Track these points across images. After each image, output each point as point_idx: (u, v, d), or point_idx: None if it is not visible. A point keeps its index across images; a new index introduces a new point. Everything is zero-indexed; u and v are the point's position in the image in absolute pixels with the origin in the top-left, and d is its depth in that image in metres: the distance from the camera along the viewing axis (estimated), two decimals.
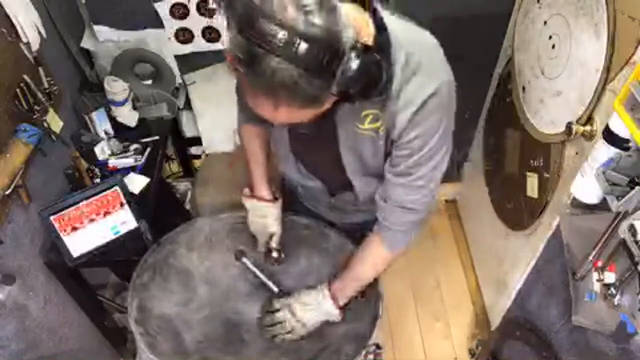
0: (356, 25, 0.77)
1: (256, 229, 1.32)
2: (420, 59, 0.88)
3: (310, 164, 1.19)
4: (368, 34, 0.83)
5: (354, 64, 0.73)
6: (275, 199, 1.31)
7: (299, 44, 0.68)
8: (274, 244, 1.32)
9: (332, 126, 1.00)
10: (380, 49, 0.85)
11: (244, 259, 1.34)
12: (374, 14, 0.86)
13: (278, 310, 1.23)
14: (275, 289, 1.31)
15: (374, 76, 0.78)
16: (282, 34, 0.67)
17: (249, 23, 0.68)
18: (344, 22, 0.73)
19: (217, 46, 1.91)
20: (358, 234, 1.24)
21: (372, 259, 1.16)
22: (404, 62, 0.87)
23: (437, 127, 0.93)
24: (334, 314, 1.19)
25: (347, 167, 1.09)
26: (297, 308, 1.20)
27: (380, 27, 0.86)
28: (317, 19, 0.69)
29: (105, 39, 1.82)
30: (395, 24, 0.88)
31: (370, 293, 1.21)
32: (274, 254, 1.33)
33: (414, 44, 0.89)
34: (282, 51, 0.68)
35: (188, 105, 2.06)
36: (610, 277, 1.03)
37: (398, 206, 1.04)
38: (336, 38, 0.71)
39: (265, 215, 1.29)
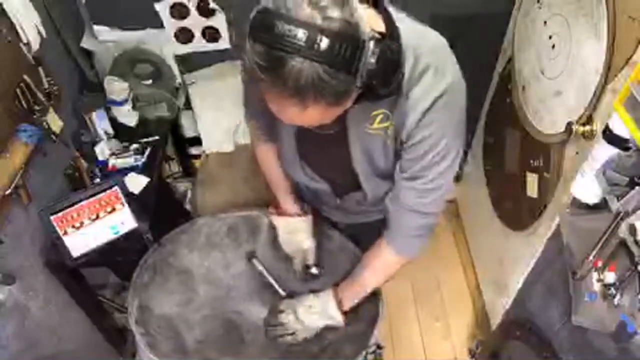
0: (368, 19, 0.77)
1: (290, 248, 1.29)
2: (429, 60, 0.87)
3: (317, 166, 1.18)
4: (379, 31, 0.83)
5: (375, 53, 0.73)
6: (305, 212, 1.29)
7: (320, 40, 0.67)
8: (310, 260, 1.29)
9: (342, 127, 0.99)
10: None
11: (254, 261, 1.34)
12: (385, 13, 0.86)
13: (282, 311, 1.23)
14: (283, 293, 1.30)
15: (394, 62, 0.78)
16: (301, 33, 0.67)
17: (266, 28, 0.68)
18: (359, 14, 0.73)
19: (217, 46, 1.91)
20: (362, 235, 1.24)
21: (381, 265, 1.15)
22: (413, 63, 0.87)
23: (446, 128, 0.93)
24: (338, 319, 1.18)
25: (358, 169, 1.08)
26: (301, 311, 1.20)
27: (391, 27, 0.86)
28: (333, 13, 0.69)
29: (105, 39, 1.82)
30: (404, 23, 0.88)
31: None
32: (314, 271, 1.30)
33: (424, 44, 0.88)
34: (304, 50, 0.67)
35: (188, 105, 2.05)
36: (610, 277, 1.03)
37: (408, 210, 1.04)
38: (355, 29, 0.71)
39: (297, 231, 1.27)
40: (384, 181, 1.10)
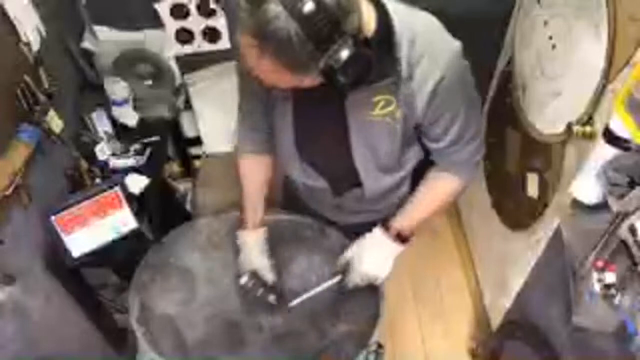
0: (361, 12, 0.78)
1: (241, 266, 1.26)
2: (426, 39, 0.90)
3: (316, 162, 1.18)
4: (370, 22, 0.85)
5: (349, 51, 0.74)
6: (259, 226, 1.26)
7: (306, 2, 0.69)
8: (261, 288, 1.24)
9: (342, 116, 1.00)
10: (382, 36, 0.86)
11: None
12: (381, 7, 0.88)
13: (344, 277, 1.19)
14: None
15: (361, 72, 0.79)
16: None
17: None
18: (354, 5, 0.75)
19: (217, 46, 1.91)
20: (361, 235, 1.24)
21: (442, 190, 1.15)
22: (409, 46, 0.89)
23: (457, 102, 0.96)
24: (400, 249, 1.16)
25: (358, 161, 1.08)
26: (368, 272, 1.16)
27: (383, 13, 0.88)
28: None
29: (105, 39, 1.82)
30: (395, 9, 0.90)
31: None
32: (270, 299, 1.24)
33: (417, 27, 0.90)
34: (289, 2, 0.69)
35: (188, 105, 2.06)
36: (610, 277, 1.03)
37: (454, 163, 1.09)
38: (342, 14, 0.72)
39: (244, 248, 1.25)
40: (384, 175, 1.10)
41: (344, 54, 0.74)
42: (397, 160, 1.10)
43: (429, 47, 0.90)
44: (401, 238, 1.15)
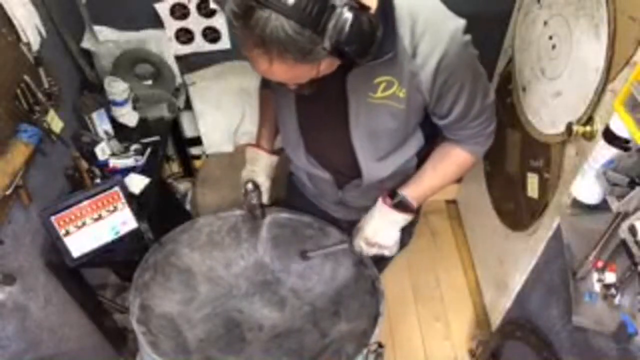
0: None
1: (243, 178, 1.32)
2: (428, 16, 0.91)
3: (319, 152, 1.19)
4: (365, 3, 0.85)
5: (347, 19, 0.75)
6: (273, 152, 1.32)
7: None
8: (256, 198, 1.30)
9: (343, 99, 1.00)
10: (383, 11, 0.87)
11: (310, 254, 1.32)
12: None
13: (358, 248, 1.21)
14: (347, 246, 1.26)
15: (368, 34, 0.79)
16: None
17: None
18: None
19: (217, 46, 1.91)
20: None
21: (451, 162, 1.15)
22: (412, 24, 0.89)
23: (464, 65, 0.96)
24: (408, 219, 1.16)
25: (357, 146, 1.08)
26: (370, 237, 1.17)
27: None
28: None
29: (105, 39, 1.82)
30: None
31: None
32: (257, 212, 1.32)
33: (418, 4, 0.91)
34: (273, 3, 0.70)
35: (188, 105, 2.06)
36: (610, 277, 1.03)
37: (464, 137, 1.11)
38: None
39: (255, 163, 1.30)
40: (382, 162, 1.11)
41: (344, 25, 0.74)
42: (397, 147, 1.10)
43: (431, 23, 0.90)
44: (404, 207, 1.14)
